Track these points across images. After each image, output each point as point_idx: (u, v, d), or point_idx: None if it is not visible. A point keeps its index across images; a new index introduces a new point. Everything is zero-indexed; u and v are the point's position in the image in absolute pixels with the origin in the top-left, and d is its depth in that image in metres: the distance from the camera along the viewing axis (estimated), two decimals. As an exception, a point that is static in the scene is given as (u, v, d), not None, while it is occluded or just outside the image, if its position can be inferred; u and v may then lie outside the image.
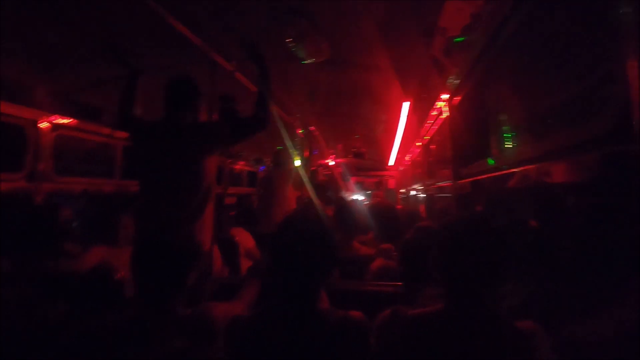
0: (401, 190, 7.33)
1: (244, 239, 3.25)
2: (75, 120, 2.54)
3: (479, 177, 1.72)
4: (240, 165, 5.85)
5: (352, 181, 7.25)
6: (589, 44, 0.88)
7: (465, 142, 2.06)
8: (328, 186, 5.79)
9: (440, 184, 3.09)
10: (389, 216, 2.54)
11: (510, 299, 1.20)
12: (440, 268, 1.01)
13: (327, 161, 6.74)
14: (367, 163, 6.83)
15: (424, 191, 4.16)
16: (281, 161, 4.02)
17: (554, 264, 1.09)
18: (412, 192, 5.62)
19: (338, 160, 6.73)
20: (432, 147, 3.58)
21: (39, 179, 2.26)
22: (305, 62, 2.17)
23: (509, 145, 1.45)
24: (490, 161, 1.61)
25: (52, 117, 2.37)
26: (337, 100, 3.30)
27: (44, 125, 2.31)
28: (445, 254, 1.00)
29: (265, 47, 2.03)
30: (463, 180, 2.04)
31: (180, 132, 1.74)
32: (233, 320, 1.05)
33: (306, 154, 4.66)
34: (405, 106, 3.13)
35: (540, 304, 1.14)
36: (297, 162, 4.13)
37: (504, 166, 1.33)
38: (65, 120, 2.47)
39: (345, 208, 2.66)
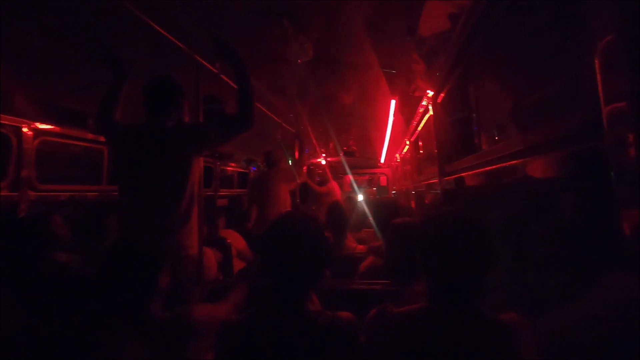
0: (393, 187, 7.37)
1: (236, 240, 3.25)
2: (59, 127, 2.51)
3: (463, 174, 1.74)
4: (231, 167, 5.82)
5: (347, 180, 7.27)
6: (561, 41, 0.89)
7: (449, 139, 2.08)
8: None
9: (427, 181, 3.12)
10: (389, 212, 2.52)
11: (494, 294, 1.22)
12: (422, 265, 1.02)
13: (318, 160, 6.74)
14: (358, 161, 6.85)
15: (414, 188, 4.18)
16: (274, 161, 4.00)
17: (530, 259, 1.11)
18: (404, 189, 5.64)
19: (330, 159, 6.73)
20: (420, 143, 3.61)
21: (23, 187, 2.23)
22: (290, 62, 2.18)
23: (491, 141, 1.48)
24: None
25: (35, 124, 2.33)
26: (327, 99, 3.31)
27: (27, 132, 2.27)
28: (426, 251, 1.01)
29: (252, 47, 2.03)
30: (449, 177, 2.06)
31: (163, 134, 1.69)
32: (222, 325, 1.05)
33: (297, 154, 4.66)
34: (392, 104, 3.15)
35: (524, 298, 1.16)
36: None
37: (486, 162, 1.35)
38: (48, 127, 2.43)
39: (336, 207, 2.68)
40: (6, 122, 2.18)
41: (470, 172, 1.57)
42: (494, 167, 1.24)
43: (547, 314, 0.87)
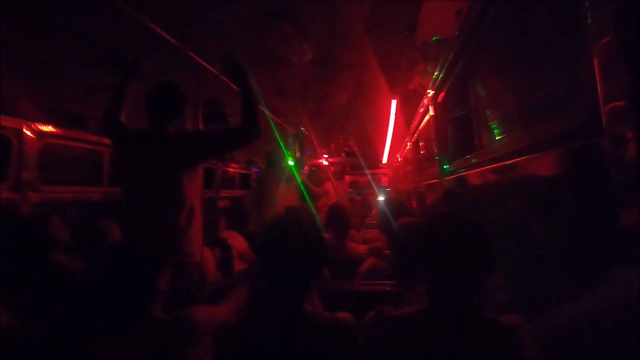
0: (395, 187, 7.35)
1: (237, 241, 3.25)
2: (60, 129, 2.52)
3: (463, 173, 1.73)
4: (232, 168, 5.82)
5: (346, 180, 7.28)
6: (560, 40, 0.89)
7: (450, 139, 2.07)
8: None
9: (428, 181, 3.11)
10: (393, 213, 2.51)
11: (496, 295, 1.21)
12: (422, 266, 1.01)
13: (320, 161, 6.75)
14: (359, 161, 6.85)
15: (415, 188, 4.18)
16: (274, 162, 4.01)
17: (531, 258, 1.11)
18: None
19: (331, 159, 6.73)
20: (421, 143, 3.60)
21: (25, 189, 2.24)
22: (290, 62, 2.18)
23: (490, 140, 1.47)
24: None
25: (36, 126, 2.34)
26: (327, 100, 3.31)
27: (28, 134, 2.28)
28: (425, 252, 1.00)
29: (250, 50, 2.03)
30: (449, 177, 2.05)
31: (165, 141, 1.69)
32: (221, 326, 1.04)
33: (298, 154, 4.66)
34: (393, 104, 3.15)
35: (526, 298, 1.15)
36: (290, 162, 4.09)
37: (485, 161, 1.35)
38: (49, 129, 2.44)
39: (336, 208, 2.67)
40: (8, 124, 2.19)
41: (470, 171, 1.56)
42: (494, 165, 1.24)
43: (550, 314, 0.87)
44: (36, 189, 2.30)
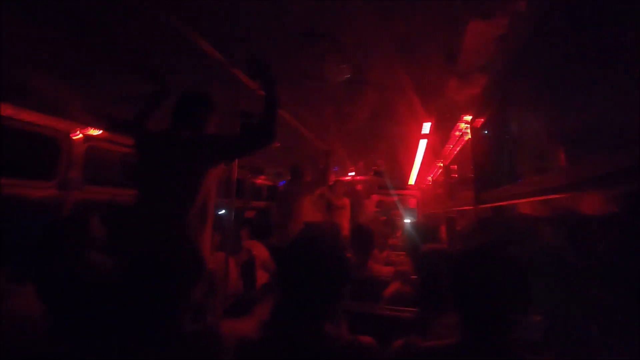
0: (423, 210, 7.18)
1: (260, 251, 3.27)
2: (105, 133, 2.67)
3: (502, 204, 1.66)
4: (261, 180, 5.93)
5: (373, 199, 7.20)
6: (612, 68, 0.84)
7: (488, 166, 2.00)
8: None
9: (460, 207, 3.01)
10: (422, 237, 2.44)
11: (530, 333, 1.14)
12: (457, 299, 0.97)
13: (346, 178, 6.72)
14: (387, 181, 6.76)
15: (445, 213, 4.06)
16: (298, 174, 4.04)
17: (574, 297, 1.03)
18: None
19: (358, 177, 6.70)
20: (454, 167, 3.52)
21: (69, 187, 2.37)
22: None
23: (533, 172, 1.40)
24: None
25: (83, 129, 2.50)
26: (359, 118, 3.32)
27: (76, 136, 2.44)
28: (462, 285, 0.96)
29: (289, 64, 2.08)
30: (485, 205, 1.97)
31: (178, 143, 1.71)
32: (241, 342, 1.04)
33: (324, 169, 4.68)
34: (427, 126, 3.10)
35: (561, 337, 1.08)
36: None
37: (527, 194, 1.28)
38: (95, 132, 2.59)
39: (362, 227, 2.63)
40: (59, 126, 2.35)
41: (509, 202, 1.49)
42: (536, 198, 1.17)
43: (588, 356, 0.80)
44: (80, 188, 2.44)
